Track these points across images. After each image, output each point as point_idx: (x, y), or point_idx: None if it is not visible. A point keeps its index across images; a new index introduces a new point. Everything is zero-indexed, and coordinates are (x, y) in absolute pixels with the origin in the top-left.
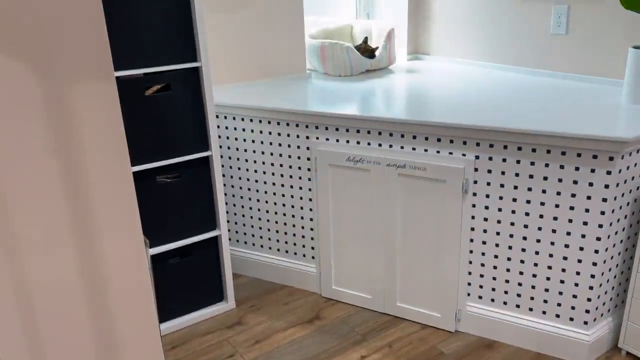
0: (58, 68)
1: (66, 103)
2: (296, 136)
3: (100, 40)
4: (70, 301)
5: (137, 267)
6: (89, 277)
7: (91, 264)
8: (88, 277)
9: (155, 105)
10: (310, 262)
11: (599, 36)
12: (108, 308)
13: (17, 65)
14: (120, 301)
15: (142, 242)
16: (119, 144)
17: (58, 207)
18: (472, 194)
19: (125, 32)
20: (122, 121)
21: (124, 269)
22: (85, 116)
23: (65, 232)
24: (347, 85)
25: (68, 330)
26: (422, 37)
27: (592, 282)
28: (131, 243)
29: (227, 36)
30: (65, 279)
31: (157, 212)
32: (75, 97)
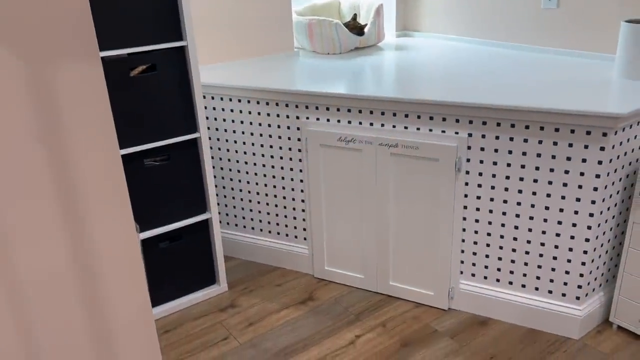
0: (41, 49)
1: (50, 86)
2: (286, 116)
3: (84, 19)
4: (62, 291)
5: (129, 253)
6: (80, 265)
7: (81, 252)
8: (79, 266)
9: (141, 86)
10: (302, 243)
11: (590, 10)
12: (100, 296)
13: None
14: (112, 288)
15: (134, 227)
16: (107, 127)
17: (45, 194)
18: (465, 172)
19: (108, 10)
20: (109, 104)
21: (115, 256)
22: (70, 99)
23: (53, 221)
24: (336, 63)
25: (60, 321)
26: (411, 13)
27: (585, 257)
28: (122, 229)
29: (213, 14)
30: (55, 268)
31: (145, 196)
32: (60, 79)
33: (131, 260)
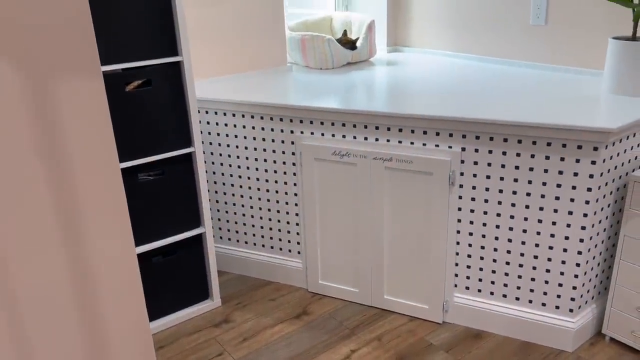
0: (42, 63)
1: (51, 100)
2: (280, 130)
3: (86, 34)
4: (58, 306)
5: (127, 268)
6: (77, 281)
7: (79, 267)
8: (76, 281)
9: (136, 101)
10: (296, 257)
11: (578, 27)
12: (98, 311)
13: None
14: (110, 303)
15: (132, 243)
16: (107, 142)
17: (43, 208)
18: (458, 186)
19: (104, 26)
20: (109, 119)
21: (113, 271)
22: (71, 113)
23: (51, 235)
24: (329, 78)
25: (57, 336)
26: (402, 29)
27: (578, 270)
28: (121, 244)
29: (208, 29)
30: (52, 283)
31: (140, 210)
32: (61, 93)
33: (129, 276)
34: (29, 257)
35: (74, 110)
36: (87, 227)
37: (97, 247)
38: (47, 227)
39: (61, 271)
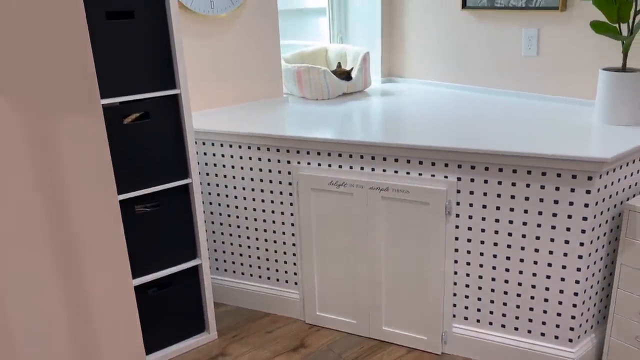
0: (43, 100)
1: (51, 135)
2: (277, 161)
3: (87, 71)
4: (55, 339)
5: (124, 303)
6: (74, 314)
7: (76, 300)
8: (73, 314)
9: (134, 133)
10: (293, 288)
11: (569, 58)
12: (95, 344)
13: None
14: (106, 337)
15: (130, 278)
16: (106, 177)
17: (41, 243)
18: (455, 216)
19: (103, 60)
20: (109, 154)
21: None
22: (71, 149)
23: (50, 269)
24: (325, 109)
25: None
26: (396, 60)
27: (576, 299)
28: (119, 279)
29: (205, 62)
30: (49, 317)
31: (136, 242)
32: (61, 129)
33: (126, 310)
34: (25, 290)
35: (73, 145)
36: (85, 261)
37: (94, 281)
38: (44, 261)
39: (57, 305)
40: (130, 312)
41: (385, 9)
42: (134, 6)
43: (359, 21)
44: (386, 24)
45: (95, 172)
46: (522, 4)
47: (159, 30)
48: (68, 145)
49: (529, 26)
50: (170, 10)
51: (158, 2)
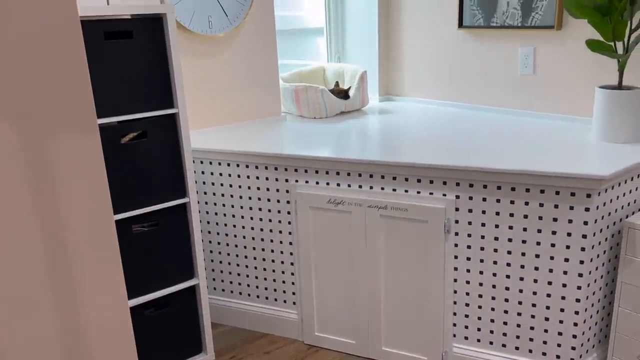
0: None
1: (47, 156)
2: (275, 179)
3: (84, 92)
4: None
5: (119, 323)
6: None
7: (71, 322)
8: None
9: (131, 152)
10: (291, 308)
11: (565, 76)
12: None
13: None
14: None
15: (126, 301)
16: (102, 198)
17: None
18: (454, 234)
19: (100, 79)
20: (105, 175)
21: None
22: (66, 171)
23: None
24: (323, 127)
25: None
26: (393, 78)
27: (577, 318)
28: (114, 303)
29: (203, 81)
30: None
31: (133, 262)
32: (57, 150)
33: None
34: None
35: (69, 165)
36: (80, 283)
37: (88, 302)
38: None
39: (51, 327)
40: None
41: (383, 28)
42: (133, 26)
43: (357, 40)
44: (383, 43)
45: (91, 192)
46: (518, 23)
47: (157, 50)
48: (64, 165)
49: (525, 45)
50: (169, 30)
51: (156, 23)
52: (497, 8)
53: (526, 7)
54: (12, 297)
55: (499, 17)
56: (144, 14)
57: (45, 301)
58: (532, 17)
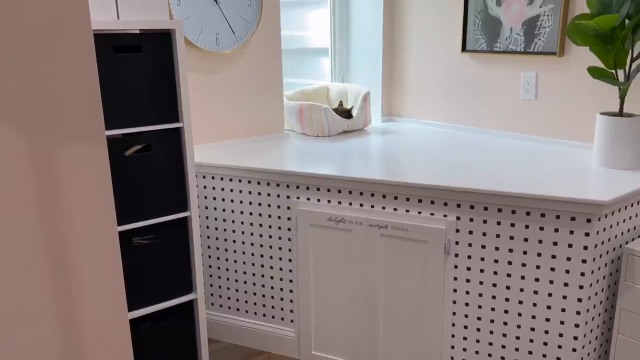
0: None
1: (55, 167)
2: (277, 196)
3: (93, 103)
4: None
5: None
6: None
7: (71, 333)
8: (67, 348)
9: (135, 165)
10: (288, 325)
11: (567, 102)
12: None
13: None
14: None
15: (126, 314)
16: (107, 209)
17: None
18: (454, 255)
19: (107, 92)
20: (111, 187)
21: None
22: (73, 180)
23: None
24: (325, 145)
25: None
26: (396, 99)
27: (575, 344)
28: (115, 315)
29: (208, 96)
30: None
31: (132, 275)
32: (65, 160)
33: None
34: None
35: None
36: (81, 294)
37: (89, 314)
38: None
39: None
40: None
41: (387, 50)
42: (142, 41)
43: (361, 61)
44: (387, 65)
45: (96, 203)
46: (520, 49)
47: (164, 65)
48: (70, 175)
49: (528, 70)
50: (177, 45)
51: (165, 38)
52: (500, 33)
53: (529, 33)
54: (13, 305)
55: (502, 42)
56: (153, 29)
57: (46, 310)
58: (535, 43)
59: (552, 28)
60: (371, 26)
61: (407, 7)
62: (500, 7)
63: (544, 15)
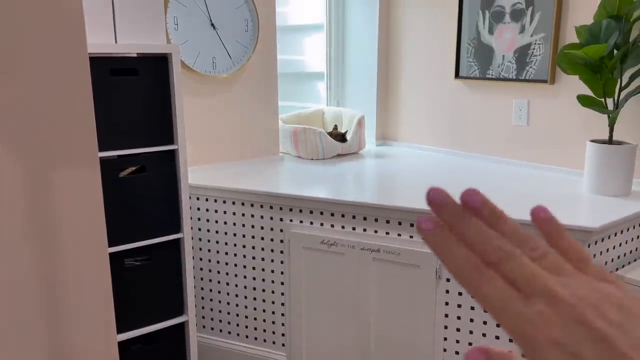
0: (43, 150)
1: (48, 188)
2: (270, 218)
3: (87, 125)
4: None
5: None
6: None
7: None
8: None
9: (129, 186)
10: (280, 349)
11: (558, 129)
12: None
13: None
14: None
15: (115, 335)
16: (98, 230)
17: (28, 295)
18: (445, 280)
19: (104, 114)
20: (102, 207)
21: None
22: (66, 202)
23: (34, 323)
24: (319, 169)
25: None
26: (390, 124)
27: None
28: (103, 334)
29: (204, 119)
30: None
31: (123, 296)
32: (58, 180)
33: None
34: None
35: (67, 196)
36: (70, 315)
37: (77, 335)
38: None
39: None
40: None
41: (382, 75)
42: (138, 64)
43: (356, 86)
44: (382, 90)
45: (87, 225)
46: (512, 76)
47: (160, 88)
48: (62, 196)
49: (519, 97)
50: (173, 69)
51: (162, 62)
52: (492, 61)
53: (521, 61)
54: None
55: (494, 69)
56: (150, 52)
57: (34, 331)
58: (527, 71)
59: (543, 56)
60: (366, 52)
61: (401, 34)
62: (492, 35)
63: (535, 43)
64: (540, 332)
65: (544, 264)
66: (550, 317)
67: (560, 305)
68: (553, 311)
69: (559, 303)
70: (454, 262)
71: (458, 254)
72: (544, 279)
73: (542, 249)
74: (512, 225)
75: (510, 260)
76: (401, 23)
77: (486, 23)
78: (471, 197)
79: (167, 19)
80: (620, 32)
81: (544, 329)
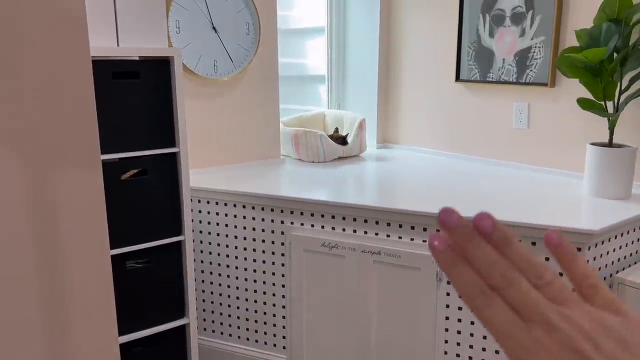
0: (45, 152)
1: (50, 190)
2: (271, 221)
3: (89, 128)
4: None
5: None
6: None
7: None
8: None
9: (131, 189)
10: (280, 352)
11: (558, 131)
12: None
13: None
14: None
15: (116, 339)
16: (100, 233)
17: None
18: (446, 282)
19: (106, 116)
20: (105, 210)
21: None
22: (68, 204)
23: (35, 327)
24: (320, 171)
25: None
26: (391, 127)
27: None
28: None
29: (205, 122)
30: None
31: (124, 298)
32: (60, 182)
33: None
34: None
35: (69, 198)
36: (72, 318)
37: (79, 338)
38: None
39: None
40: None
41: (382, 78)
42: (140, 67)
43: (357, 89)
44: (382, 93)
45: (89, 227)
46: (513, 79)
47: (162, 91)
48: (64, 199)
49: (520, 100)
50: (175, 72)
51: (163, 65)
52: (493, 64)
53: (521, 64)
54: (2, 329)
55: (494, 72)
56: (152, 56)
57: (36, 334)
58: (527, 74)
59: (544, 60)
60: (367, 55)
61: (402, 37)
62: (493, 38)
63: (535, 47)
64: (536, 357)
65: (548, 292)
66: (546, 344)
67: (556, 333)
68: (550, 338)
69: (555, 331)
70: (461, 284)
71: (465, 276)
72: (544, 307)
73: (548, 277)
74: (521, 252)
75: (513, 287)
76: (402, 26)
77: (486, 26)
78: (483, 222)
79: (169, 22)
80: (620, 35)
81: (540, 355)
